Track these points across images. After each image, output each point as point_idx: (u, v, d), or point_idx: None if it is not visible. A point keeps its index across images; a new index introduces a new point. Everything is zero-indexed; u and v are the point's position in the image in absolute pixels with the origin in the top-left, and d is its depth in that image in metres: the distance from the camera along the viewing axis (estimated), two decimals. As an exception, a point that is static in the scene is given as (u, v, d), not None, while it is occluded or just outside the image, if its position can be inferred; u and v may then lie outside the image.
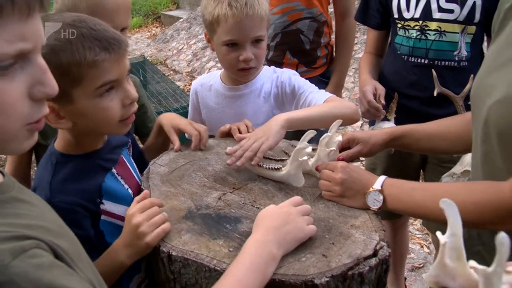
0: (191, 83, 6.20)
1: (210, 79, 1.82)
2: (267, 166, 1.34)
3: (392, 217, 2.31)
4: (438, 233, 0.73)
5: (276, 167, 1.33)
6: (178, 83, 5.97)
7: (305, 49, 2.30)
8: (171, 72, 6.80)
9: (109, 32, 1.13)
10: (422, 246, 3.20)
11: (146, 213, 1.10)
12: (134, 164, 1.38)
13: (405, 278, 2.71)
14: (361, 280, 1.01)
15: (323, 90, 1.69)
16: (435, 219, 1.14)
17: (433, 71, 1.73)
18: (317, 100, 1.59)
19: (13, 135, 0.71)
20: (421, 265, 3.04)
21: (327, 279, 0.97)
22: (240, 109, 1.73)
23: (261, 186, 1.32)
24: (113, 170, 1.26)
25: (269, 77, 1.73)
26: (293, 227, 1.04)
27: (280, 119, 1.42)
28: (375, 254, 1.04)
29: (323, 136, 1.31)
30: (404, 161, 2.10)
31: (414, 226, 3.40)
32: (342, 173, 1.23)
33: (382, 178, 1.20)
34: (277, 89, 1.70)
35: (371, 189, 1.19)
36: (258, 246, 0.98)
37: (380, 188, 1.18)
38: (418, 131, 1.41)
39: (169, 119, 1.53)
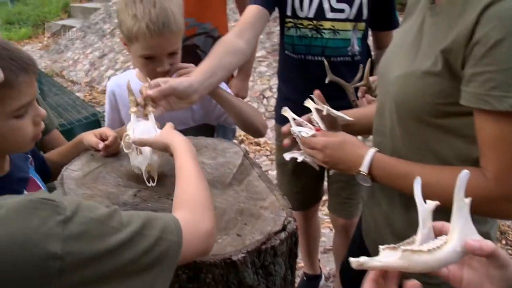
0: (91, 94, 6.13)
1: (127, 79, 1.84)
2: None
3: (304, 208, 2.44)
4: None
5: None
6: (77, 94, 5.82)
7: None
8: (69, 83, 6.60)
9: (22, 52, 1.12)
10: (331, 229, 3.37)
11: None
12: (39, 177, 1.37)
13: (319, 260, 2.88)
14: (274, 253, 1.12)
15: None
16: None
17: (324, 60, 1.81)
18: None
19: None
20: (332, 246, 3.23)
21: (243, 255, 1.06)
22: None
23: (171, 180, 1.38)
24: (25, 192, 1.24)
25: None
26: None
27: None
28: (284, 228, 1.15)
29: None
30: None
31: (322, 211, 3.58)
32: (323, 155, 1.24)
33: (368, 159, 1.18)
34: None
35: (358, 170, 1.20)
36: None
37: (367, 172, 1.19)
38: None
39: (86, 139, 1.53)
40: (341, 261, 1.80)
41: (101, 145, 1.46)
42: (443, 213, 0.81)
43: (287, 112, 1.35)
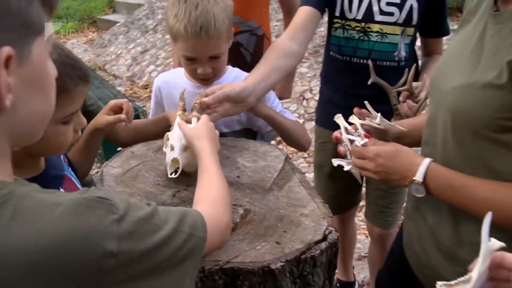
0: (131, 88, 6.21)
1: (175, 77, 1.84)
2: None
3: (340, 212, 2.40)
4: None
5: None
6: (118, 88, 5.90)
7: (247, 62, 2.31)
8: (111, 77, 6.70)
9: (81, 62, 1.15)
10: (367, 236, 3.31)
11: None
12: (74, 175, 1.37)
13: (353, 267, 2.83)
14: (314, 263, 1.09)
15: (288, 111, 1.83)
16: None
17: (369, 62, 1.76)
18: (287, 115, 1.76)
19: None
20: (367, 254, 3.17)
21: (282, 263, 1.03)
22: None
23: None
24: (61, 190, 1.23)
25: (241, 74, 1.76)
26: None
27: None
28: (324, 238, 1.12)
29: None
30: None
31: (358, 217, 3.52)
32: (375, 164, 1.20)
33: (423, 168, 1.14)
34: None
35: (413, 179, 1.15)
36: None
37: (421, 181, 1.14)
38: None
39: (100, 122, 1.51)
40: (376, 271, 1.76)
41: (122, 116, 1.47)
42: (494, 228, 0.77)
43: (339, 119, 1.31)
